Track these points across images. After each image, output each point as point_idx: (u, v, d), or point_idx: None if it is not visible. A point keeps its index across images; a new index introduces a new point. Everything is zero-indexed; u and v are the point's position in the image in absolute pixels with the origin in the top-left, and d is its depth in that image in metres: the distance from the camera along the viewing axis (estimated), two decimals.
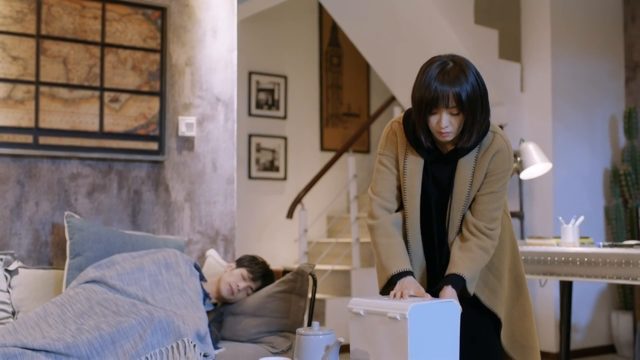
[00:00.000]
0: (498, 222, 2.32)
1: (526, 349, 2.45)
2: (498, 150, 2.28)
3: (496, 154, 2.28)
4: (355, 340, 2.16)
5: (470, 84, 2.17)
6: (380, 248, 2.33)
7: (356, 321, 2.15)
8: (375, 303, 2.13)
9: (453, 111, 2.18)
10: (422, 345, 2.03)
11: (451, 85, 2.15)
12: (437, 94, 2.16)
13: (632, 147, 5.63)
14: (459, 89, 2.15)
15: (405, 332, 2.00)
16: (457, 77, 2.16)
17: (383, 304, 2.10)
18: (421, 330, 2.03)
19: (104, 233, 3.16)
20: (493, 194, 2.30)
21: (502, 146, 2.29)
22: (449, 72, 2.17)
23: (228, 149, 3.77)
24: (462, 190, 2.30)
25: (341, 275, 6.06)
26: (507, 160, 2.30)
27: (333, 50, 7.32)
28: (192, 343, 2.62)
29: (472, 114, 2.19)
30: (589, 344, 5.57)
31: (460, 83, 2.16)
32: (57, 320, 2.67)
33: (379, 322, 2.08)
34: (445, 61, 2.20)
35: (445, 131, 2.20)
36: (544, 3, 5.49)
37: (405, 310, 2.01)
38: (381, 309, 2.09)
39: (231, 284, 3.10)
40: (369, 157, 7.38)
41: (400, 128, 2.36)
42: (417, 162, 2.33)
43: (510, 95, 5.50)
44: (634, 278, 3.28)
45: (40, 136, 3.27)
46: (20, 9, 3.26)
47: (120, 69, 3.47)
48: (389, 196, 2.38)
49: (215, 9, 3.77)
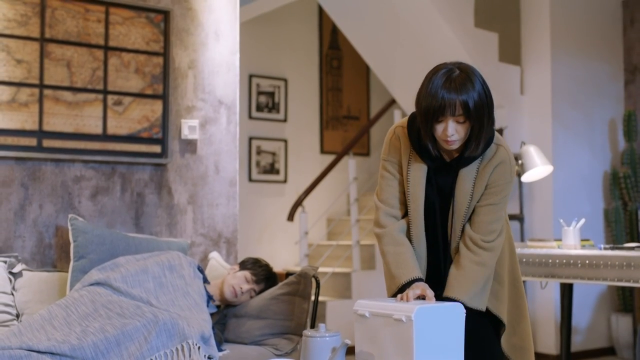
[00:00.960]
0: (497, 235, 2.30)
1: (524, 350, 2.46)
2: (500, 162, 2.27)
3: (498, 166, 2.27)
4: (361, 342, 2.17)
5: (477, 92, 2.15)
6: (389, 257, 2.32)
7: (361, 323, 2.16)
8: (380, 305, 2.14)
9: (459, 119, 2.17)
10: (427, 347, 2.04)
11: (458, 94, 2.14)
12: (444, 102, 2.14)
13: (632, 150, 5.65)
14: (466, 97, 2.13)
15: (411, 334, 2.01)
16: (463, 84, 2.14)
17: (388, 306, 2.11)
18: (426, 332, 2.04)
19: (108, 235, 3.16)
20: (492, 206, 2.28)
21: (504, 158, 2.28)
22: (455, 80, 2.15)
23: (230, 152, 3.78)
24: (462, 202, 2.29)
25: (341, 278, 6.07)
26: (508, 173, 2.29)
27: (333, 53, 7.34)
28: (197, 345, 2.63)
29: (479, 121, 2.18)
30: (589, 346, 5.59)
31: (467, 91, 2.14)
32: (62, 323, 2.68)
33: (385, 324, 2.09)
34: (452, 69, 2.18)
35: (451, 139, 2.19)
36: (543, 6, 5.51)
37: (410, 312, 2.02)
38: (386, 310, 2.10)
39: (234, 286, 3.11)
40: (369, 159, 7.39)
41: (403, 133, 2.35)
42: (420, 169, 2.32)
43: (511, 98, 5.52)
44: (635, 280, 3.30)
45: (44, 139, 3.28)
46: (25, 12, 3.27)
47: (123, 72, 3.48)
48: (394, 203, 2.38)
49: (217, 12, 3.78)
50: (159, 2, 3.62)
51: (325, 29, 7.27)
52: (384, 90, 7.15)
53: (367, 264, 6.15)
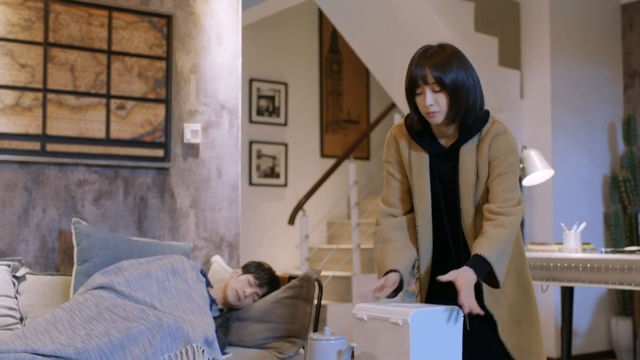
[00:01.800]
0: (513, 204, 2.28)
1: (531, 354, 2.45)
2: (496, 134, 2.30)
3: (494, 138, 2.30)
4: (360, 345, 2.17)
5: (448, 61, 2.23)
6: (376, 254, 2.39)
7: (360, 327, 2.17)
8: (378, 309, 2.15)
9: (435, 88, 2.22)
10: (424, 350, 2.04)
11: (428, 61, 2.23)
12: (417, 72, 2.24)
13: (631, 154, 5.67)
14: (437, 64, 2.22)
15: (408, 337, 2.01)
16: (435, 54, 2.25)
17: (386, 309, 2.12)
18: (423, 336, 2.04)
19: (111, 239, 3.18)
20: (501, 177, 2.29)
21: (499, 130, 2.31)
22: (427, 51, 2.27)
23: (233, 156, 3.80)
24: (468, 180, 2.31)
25: (342, 281, 6.08)
26: (507, 143, 2.31)
27: (333, 57, 7.36)
28: (201, 348, 2.64)
29: (455, 91, 2.23)
30: (589, 349, 5.60)
31: (438, 58, 2.23)
32: (67, 326, 2.69)
33: (382, 327, 2.09)
34: (430, 46, 2.30)
35: (431, 110, 2.24)
36: (543, 11, 5.54)
37: (407, 316, 2.02)
38: (384, 314, 2.10)
39: (237, 290, 3.12)
40: (369, 163, 7.41)
41: (400, 130, 2.41)
42: (421, 158, 2.37)
43: (510, 102, 5.54)
44: (636, 284, 3.31)
45: (47, 143, 3.29)
46: (28, 17, 3.28)
47: (126, 76, 3.50)
48: (393, 201, 2.43)
49: (220, 17, 3.80)
50: (162, 7, 3.63)
51: (326, 32, 7.29)
52: (384, 94, 7.16)
53: (367, 267, 6.16)
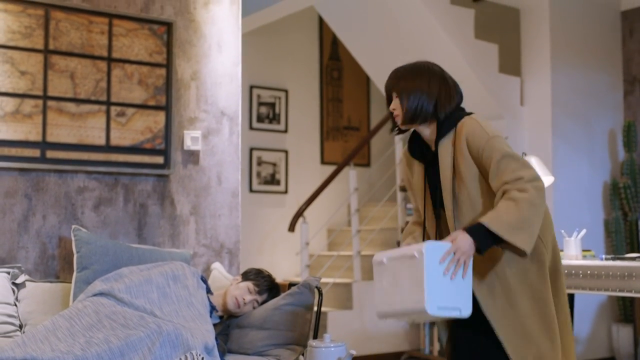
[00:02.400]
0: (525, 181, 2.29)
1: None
2: (467, 133, 2.39)
3: (468, 136, 2.39)
4: (379, 288, 2.33)
5: (405, 68, 2.50)
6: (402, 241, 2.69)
7: (380, 270, 2.34)
8: (395, 250, 2.36)
9: (394, 95, 2.48)
10: (437, 280, 2.19)
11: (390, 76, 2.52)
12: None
13: (631, 160, 5.67)
14: (394, 73, 2.51)
15: (422, 266, 2.17)
16: (399, 68, 2.53)
17: (402, 250, 2.32)
18: (437, 267, 2.20)
19: (111, 246, 3.17)
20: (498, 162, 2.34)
21: (470, 126, 2.40)
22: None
23: (233, 162, 3.80)
24: (446, 176, 2.43)
25: (342, 288, 6.07)
26: (482, 133, 2.37)
27: (333, 64, 7.37)
28: (201, 356, 2.63)
29: (405, 91, 2.44)
30: (590, 356, 5.59)
31: (398, 69, 2.52)
32: (66, 334, 2.68)
33: (400, 264, 2.27)
34: None
35: (394, 114, 2.49)
36: (543, 18, 5.55)
37: (422, 247, 2.22)
38: (401, 252, 2.32)
39: (237, 297, 3.12)
40: (370, 170, 7.41)
41: (405, 152, 2.64)
42: (419, 171, 2.58)
43: (510, 109, 5.54)
44: (637, 290, 3.30)
45: (47, 150, 3.30)
46: (29, 24, 3.29)
47: (126, 83, 3.50)
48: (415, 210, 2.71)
49: (220, 24, 3.81)
50: (162, 14, 3.64)
51: (326, 40, 7.30)
52: (384, 101, 7.14)
53: (368, 274, 6.14)
